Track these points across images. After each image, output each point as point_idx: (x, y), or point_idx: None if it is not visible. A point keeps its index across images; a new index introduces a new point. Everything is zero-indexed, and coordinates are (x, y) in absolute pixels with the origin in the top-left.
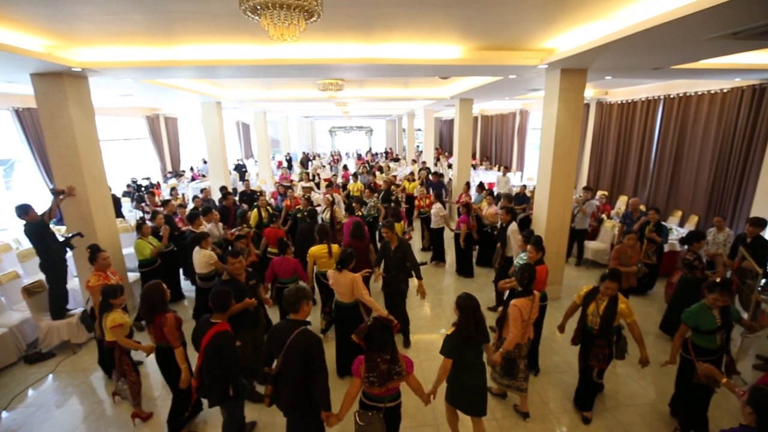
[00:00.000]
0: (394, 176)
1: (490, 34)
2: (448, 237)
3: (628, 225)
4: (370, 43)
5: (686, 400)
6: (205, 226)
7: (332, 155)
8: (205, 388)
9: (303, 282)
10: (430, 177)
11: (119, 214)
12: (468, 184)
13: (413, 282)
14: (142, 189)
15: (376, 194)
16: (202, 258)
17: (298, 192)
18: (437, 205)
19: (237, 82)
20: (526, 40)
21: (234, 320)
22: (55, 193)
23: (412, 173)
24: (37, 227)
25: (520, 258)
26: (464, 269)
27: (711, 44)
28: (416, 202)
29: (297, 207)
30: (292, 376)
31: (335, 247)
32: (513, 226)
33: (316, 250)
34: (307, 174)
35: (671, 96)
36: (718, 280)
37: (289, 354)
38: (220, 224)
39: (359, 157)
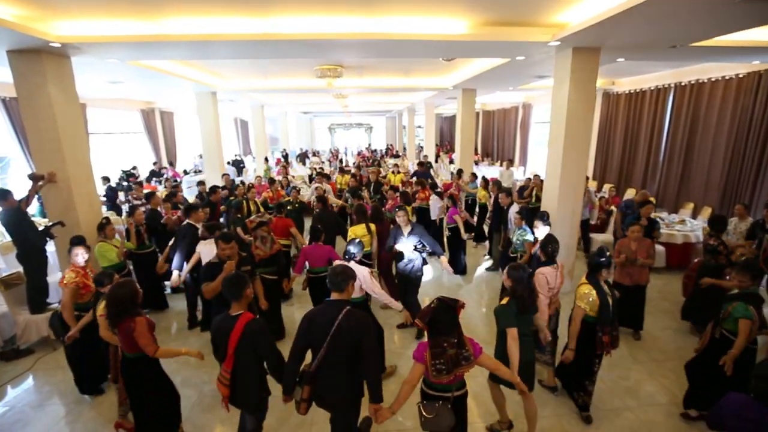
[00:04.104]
0: (379, 170)
1: (498, 5)
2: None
3: (629, 216)
4: (369, 16)
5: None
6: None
7: (331, 152)
8: (239, 396)
9: None
10: (416, 167)
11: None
12: (460, 173)
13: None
14: (130, 179)
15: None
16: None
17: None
18: (434, 197)
19: (233, 70)
20: (536, 13)
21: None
22: (34, 178)
23: (396, 165)
24: (13, 214)
25: (518, 235)
26: (457, 266)
27: (744, 11)
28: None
29: (285, 199)
30: (341, 363)
31: (373, 227)
32: (515, 208)
33: (358, 229)
34: (285, 168)
35: (682, 84)
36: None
37: (338, 338)
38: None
39: (359, 153)
